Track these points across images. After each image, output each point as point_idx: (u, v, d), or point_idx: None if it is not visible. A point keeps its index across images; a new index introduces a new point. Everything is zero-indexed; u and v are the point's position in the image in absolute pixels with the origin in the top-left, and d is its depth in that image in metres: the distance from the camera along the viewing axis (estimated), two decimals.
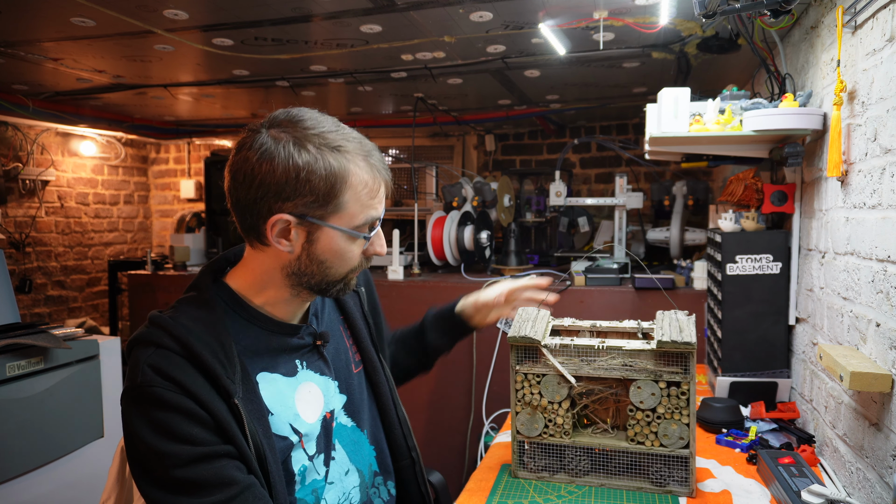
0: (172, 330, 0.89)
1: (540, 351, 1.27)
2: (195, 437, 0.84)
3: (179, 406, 0.84)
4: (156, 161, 5.04)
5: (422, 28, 2.13)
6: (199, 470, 0.83)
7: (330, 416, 1.05)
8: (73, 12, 1.96)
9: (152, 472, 0.84)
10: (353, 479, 1.06)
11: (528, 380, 1.28)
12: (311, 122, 0.92)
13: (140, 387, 0.85)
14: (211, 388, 0.87)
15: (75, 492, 1.98)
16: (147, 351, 0.88)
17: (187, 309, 0.94)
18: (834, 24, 1.36)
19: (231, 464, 0.86)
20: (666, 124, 1.64)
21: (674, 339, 1.18)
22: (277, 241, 0.93)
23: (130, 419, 0.85)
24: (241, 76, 2.85)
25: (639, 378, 1.22)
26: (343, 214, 0.93)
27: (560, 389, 1.26)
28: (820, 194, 1.53)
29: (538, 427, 1.29)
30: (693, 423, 1.21)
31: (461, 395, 2.76)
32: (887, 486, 1.06)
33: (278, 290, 1.00)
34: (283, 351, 1.01)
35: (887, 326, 1.09)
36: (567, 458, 1.29)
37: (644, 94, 3.21)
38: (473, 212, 3.14)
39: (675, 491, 1.23)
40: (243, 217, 0.94)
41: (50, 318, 4.14)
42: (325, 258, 0.95)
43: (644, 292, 2.51)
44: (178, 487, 0.83)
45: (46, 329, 1.95)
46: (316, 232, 0.93)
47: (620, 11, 1.95)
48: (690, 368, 1.19)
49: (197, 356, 0.87)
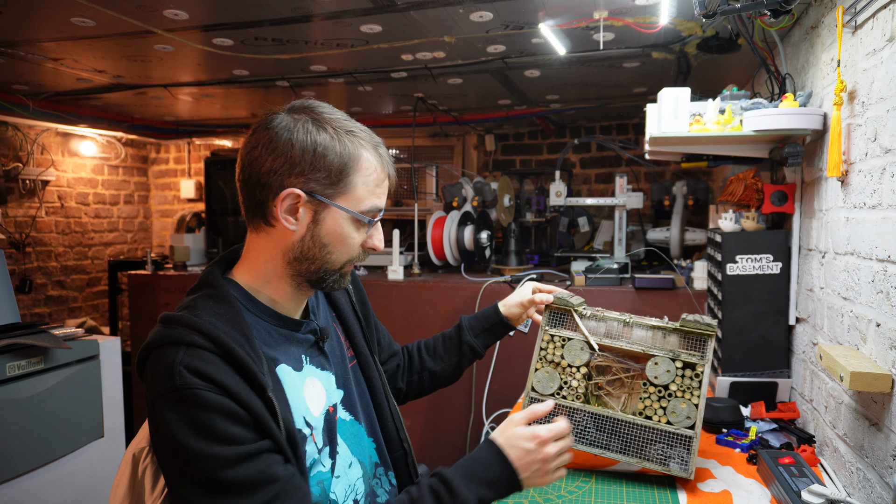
0: (202, 328, 0.88)
1: (571, 317, 1.37)
2: (237, 436, 0.84)
3: (220, 407, 0.83)
4: (156, 161, 5.04)
5: (422, 28, 2.13)
6: (245, 469, 0.83)
7: (333, 410, 1.06)
8: (73, 12, 1.96)
9: (196, 476, 0.83)
10: (356, 471, 1.08)
11: (553, 341, 1.37)
12: (327, 109, 0.98)
13: (179, 389, 0.83)
14: (246, 385, 0.87)
15: (75, 492, 1.98)
16: (178, 351, 0.86)
17: (207, 305, 0.94)
18: (834, 24, 1.36)
19: (272, 458, 0.87)
20: (666, 124, 1.64)
21: (697, 320, 1.27)
22: (284, 218, 0.94)
23: (168, 424, 0.83)
24: (241, 76, 2.85)
25: (658, 354, 1.28)
26: (350, 196, 0.96)
27: (581, 354, 1.34)
28: (820, 194, 1.53)
29: (553, 385, 1.35)
30: (702, 405, 1.25)
31: (461, 395, 2.76)
32: (887, 486, 1.06)
33: (280, 282, 1.01)
34: (290, 345, 1.03)
35: (887, 326, 1.09)
36: (575, 421, 1.33)
37: (644, 94, 3.20)
38: (473, 212, 3.14)
39: (675, 472, 1.24)
40: (253, 193, 0.96)
41: (50, 318, 4.14)
42: (327, 241, 0.97)
43: (644, 292, 2.50)
44: (226, 489, 0.83)
45: (46, 329, 1.95)
46: (322, 212, 0.96)
47: (620, 11, 1.95)
48: (707, 352, 1.27)
49: (231, 353, 0.87)
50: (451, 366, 1.41)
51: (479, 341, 1.41)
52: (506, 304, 1.43)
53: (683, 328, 1.29)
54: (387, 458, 1.18)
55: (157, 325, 0.93)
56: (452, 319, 2.76)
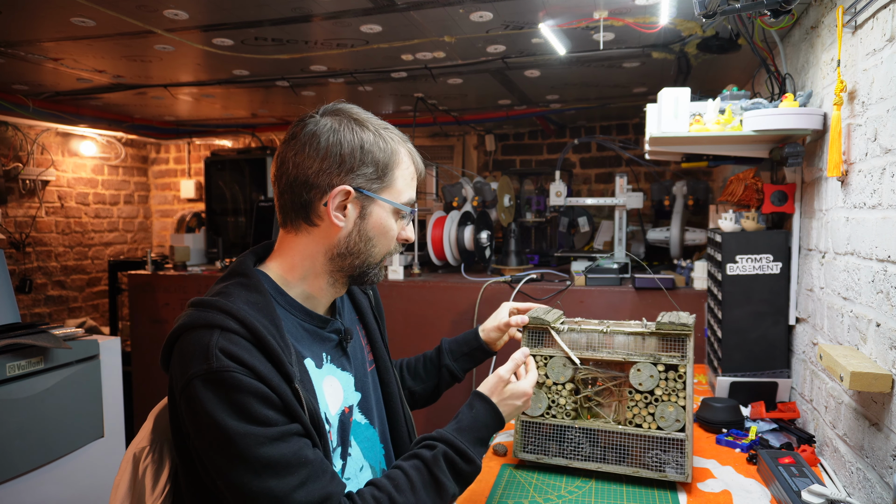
0: (236, 313, 0.89)
1: (550, 334, 1.34)
2: (270, 418, 0.85)
3: (255, 390, 0.85)
4: (156, 161, 5.04)
5: (422, 28, 2.13)
6: (279, 448, 0.85)
7: (348, 412, 1.07)
8: (73, 12, 1.96)
9: (234, 452, 0.84)
10: (366, 475, 1.09)
11: (535, 361, 1.33)
12: (358, 110, 1.04)
13: (217, 371, 0.84)
14: (276, 372, 0.88)
15: (75, 492, 1.98)
16: (213, 334, 0.87)
17: (240, 293, 0.95)
18: (834, 24, 1.36)
19: (302, 441, 0.88)
20: (666, 124, 1.64)
21: (671, 322, 1.26)
22: (335, 216, 0.97)
23: (204, 404, 0.84)
24: (241, 76, 2.85)
25: (639, 360, 1.27)
26: (393, 190, 1.02)
27: (565, 371, 1.33)
28: (820, 194, 1.53)
29: (541, 406, 1.34)
30: (690, 405, 1.24)
31: (461, 395, 2.76)
32: (887, 486, 1.06)
33: (317, 277, 1.03)
34: (313, 342, 1.04)
35: (887, 326, 1.09)
36: (567, 440, 1.33)
37: (644, 94, 3.21)
38: (473, 212, 3.14)
39: (672, 476, 1.24)
40: (298, 195, 0.98)
41: (50, 318, 4.14)
42: (373, 234, 1.01)
43: (644, 292, 2.50)
44: (262, 467, 0.84)
45: (46, 329, 1.95)
46: (369, 206, 1.00)
47: (620, 11, 1.95)
48: (687, 352, 1.25)
49: (262, 340, 0.88)
50: (430, 387, 1.42)
51: (459, 365, 1.41)
52: (484, 329, 1.42)
53: (660, 331, 1.27)
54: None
55: (188, 308, 0.93)
56: (452, 319, 2.76)
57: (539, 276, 2.75)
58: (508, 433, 1.57)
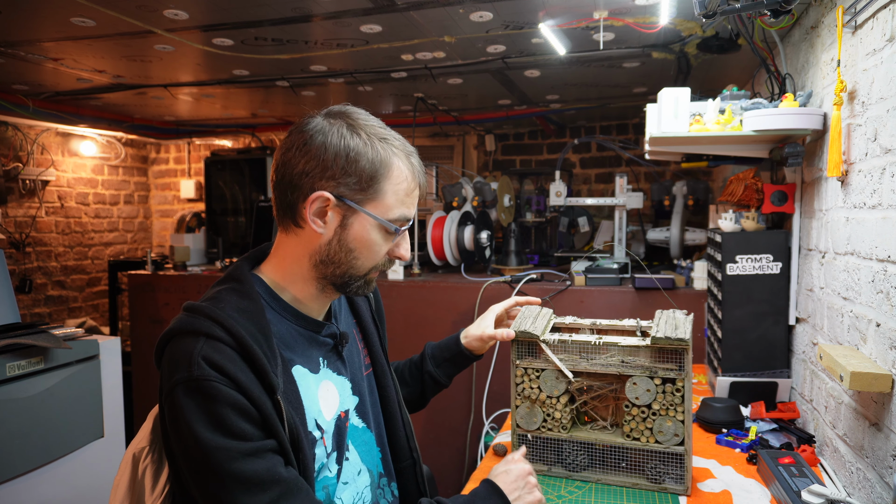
0: (223, 321, 0.88)
1: (539, 346, 1.30)
2: (245, 432, 0.85)
3: (233, 402, 0.84)
4: (156, 161, 5.04)
5: (422, 28, 2.13)
6: (252, 464, 0.84)
7: (344, 416, 1.06)
8: (73, 12, 1.96)
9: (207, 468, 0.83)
10: (364, 479, 1.08)
11: (527, 374, 1.31)
12: (362, 115, 1.00)
13: (197, 380, 0.84)
14: (258, 384, 0.87)
15: (75, 492, 1.98)
16: (198, 341, 0.87)
17: (231, 299, 0.94)
18: (834, 24, 1.36)
19: (276, 459, 0.87)
20: (666, 124, 1.64)
21: (668, 336, 1.19)
22: (313, 221, 0.95)
23: (183, 411, 0.84)
24: (241, 76, 2.85)
25: (634, 374, 1.23)
26: (379, 203, 0.97)
27: (558, 384, 1.29)
28: (820, 194, 1.53)
29: (537, 421, 1.31)
30: (689, 420, 1.22)
31: (461, 395, 2.76)
32: (887, 486, 1.06)
33: (306, 283, 1.02)
34: (309, 346, 1.03)
35: (887, 326, 1.09)
36: (565, 452, 1.31)
37: (644, 94, 3.20)
38: (473, 212, 3.14)
39: (671, 488, 1.23)
40: (284, 194, 0.97)
41: (50, 318, 4.14)
42: (353, 246, 0.98)
43: (644, 292, 2.50)
44: (234, 483, 0.83)
45: (46, 329, 1.95)
46: (351, 217, 0.96)
47: (620, 11, 1.95)
48: (685, 365, 1.20)
49: (247, 349, 0.88)
50: (416, 392, 1.40)
51: (442, 371, 1.38)
52: (466, 336, 1.39)
53: (656, 345, 1.21)
54: (391, 469, 1.18)
55: (181, 312, 0.93)
56: (452, 320, 2.76)
57: (539, 276, 2.75)
58: (508, 433, 1.57)
